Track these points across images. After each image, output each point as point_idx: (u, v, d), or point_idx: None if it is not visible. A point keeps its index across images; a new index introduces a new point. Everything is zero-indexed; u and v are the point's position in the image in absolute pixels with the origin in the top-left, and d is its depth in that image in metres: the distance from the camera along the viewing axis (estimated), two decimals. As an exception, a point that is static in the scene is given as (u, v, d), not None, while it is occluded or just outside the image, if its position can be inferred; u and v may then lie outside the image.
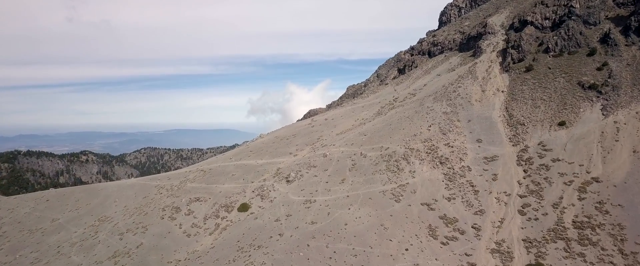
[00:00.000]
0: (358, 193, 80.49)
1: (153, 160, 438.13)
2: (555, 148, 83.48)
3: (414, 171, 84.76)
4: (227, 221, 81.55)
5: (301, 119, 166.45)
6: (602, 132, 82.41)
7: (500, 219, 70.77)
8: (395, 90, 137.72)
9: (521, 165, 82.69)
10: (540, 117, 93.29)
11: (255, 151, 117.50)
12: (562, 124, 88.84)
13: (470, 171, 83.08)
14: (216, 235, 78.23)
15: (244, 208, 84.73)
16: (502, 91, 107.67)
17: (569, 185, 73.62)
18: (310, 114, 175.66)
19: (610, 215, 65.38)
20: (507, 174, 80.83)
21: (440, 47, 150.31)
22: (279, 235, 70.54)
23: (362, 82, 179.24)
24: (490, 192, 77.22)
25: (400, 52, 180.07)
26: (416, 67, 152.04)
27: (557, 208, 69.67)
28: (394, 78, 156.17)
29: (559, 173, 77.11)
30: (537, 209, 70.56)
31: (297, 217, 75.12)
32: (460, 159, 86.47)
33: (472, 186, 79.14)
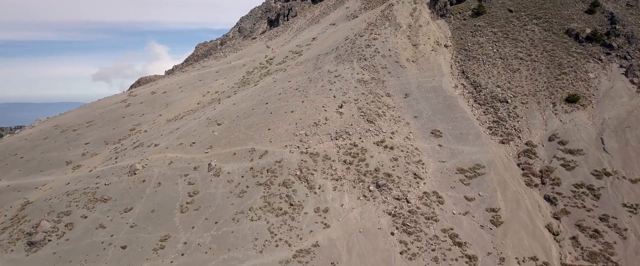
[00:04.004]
0: (195, 283, 30.68)
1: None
2: (585, 146, 43.32)
3: (326, 210, 37.52)
4: None
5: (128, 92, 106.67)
6: (658, 115, 44.11)
7: None
8: (268, 47, 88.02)
9: (536, 186, 40.86)
10: (529, 87, 52.81)
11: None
12: (572, 100, 49.44)
13: (441, 204, 38.56)
14: None
15: None
16: (445, 45, 65.57)
17: (663, 236, 33.12)
18: (141, 83, 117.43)
19: None
20: (519, 209, 38.10)
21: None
22: None
23: (217, 39, 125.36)
24: (502, 260, 33.62)
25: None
26: (295, 16, 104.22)
27: (672, 303, 28.33)
28: (264, 33, 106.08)
29: (624, 204, 36.63)
30: (633, 311, 28.51)
31: None
32: (415, 176, 41.40)
33: (459, 244, 34.75)
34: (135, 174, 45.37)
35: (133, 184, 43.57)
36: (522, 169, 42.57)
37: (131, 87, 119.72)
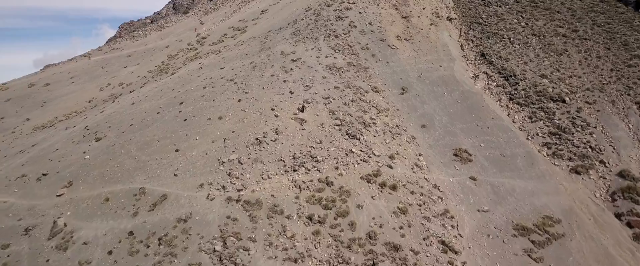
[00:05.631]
0: None
1: None
2: None
3: None
4: None
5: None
6: None
7: None
8: (202, 23, 66.17)
9: (667, 262, 21.73)
10: (590, 77, 34.47)
11: None
12: (667, 98, 30.99)
13: (506, 312, 18.71)
14: None
15: None
16: (448, 18, 46.50)
17: None
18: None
19: None
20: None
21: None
22: None
23: (147, 18, 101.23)
24: None
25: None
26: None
27: None
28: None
29: None
30: None
31: None
32: (443, 246, 21.59)
33: None
34: None
35: None
36: (629, 225, 23.73)
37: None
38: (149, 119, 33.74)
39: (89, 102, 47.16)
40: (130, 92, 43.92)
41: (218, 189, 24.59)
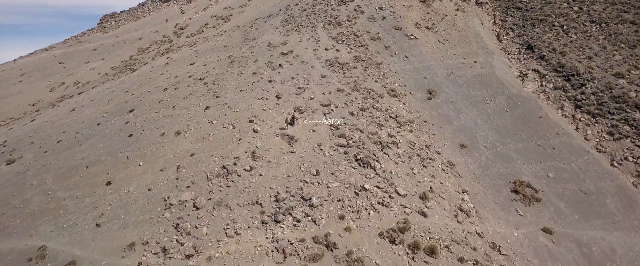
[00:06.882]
0: None
1: None
2: None
3: None
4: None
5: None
6: None
7: None
8: (182, 13, 57.13)
9: None
10: (685, 79, 24.79)
11: None
12: None
13: None
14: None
15: None
16: (478, 2, 37.51)
17: None
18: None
19: None
20: None
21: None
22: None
23: (130, 10, 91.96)
24: None
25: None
26: (233, -26, 72.64)
27: None
28: (190, -3, 74.18)
29: None
30: None
31: None
32: None
33: None
34: None
35: None
36: None
37: None
38: (84, 133, 24.82)
39: (33, 105, 38.20)
40: (80, 94, 34.87)
41: (156, 253, 15.65)
